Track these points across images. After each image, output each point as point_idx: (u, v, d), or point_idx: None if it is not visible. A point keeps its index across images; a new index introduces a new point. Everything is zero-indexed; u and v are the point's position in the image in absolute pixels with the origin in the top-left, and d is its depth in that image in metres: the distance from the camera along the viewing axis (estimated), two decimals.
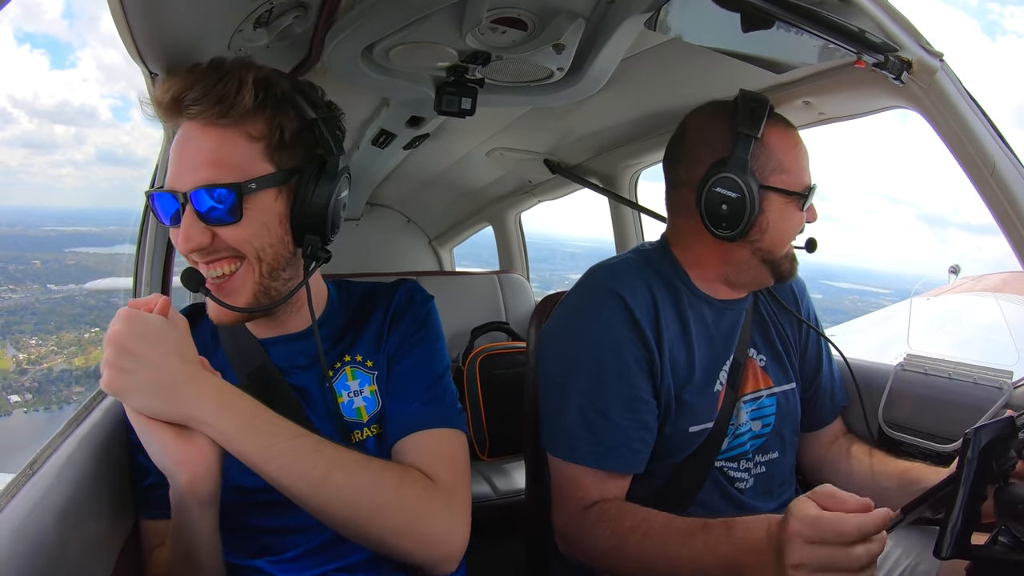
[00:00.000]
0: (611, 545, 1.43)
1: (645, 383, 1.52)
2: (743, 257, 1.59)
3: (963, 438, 1.04)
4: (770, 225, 1.55)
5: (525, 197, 3.90)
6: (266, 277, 1.28)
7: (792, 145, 1.58)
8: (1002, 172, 1.44)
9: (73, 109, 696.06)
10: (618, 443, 1.49)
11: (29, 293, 21.49)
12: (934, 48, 1.47)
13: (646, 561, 1.38)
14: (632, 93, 2.23)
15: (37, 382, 16.60)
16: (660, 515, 1.42)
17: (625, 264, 1.65)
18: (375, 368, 1.43)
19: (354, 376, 1.41)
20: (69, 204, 65.81)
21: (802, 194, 1.55)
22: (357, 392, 1.40)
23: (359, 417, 1.39)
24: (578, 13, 1.66)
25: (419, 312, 1.48)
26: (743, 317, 1.69)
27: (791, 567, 1.09)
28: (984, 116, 1.48)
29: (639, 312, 1.52)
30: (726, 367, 1.63)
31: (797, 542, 1.09)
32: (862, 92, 1.74)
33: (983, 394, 1.65)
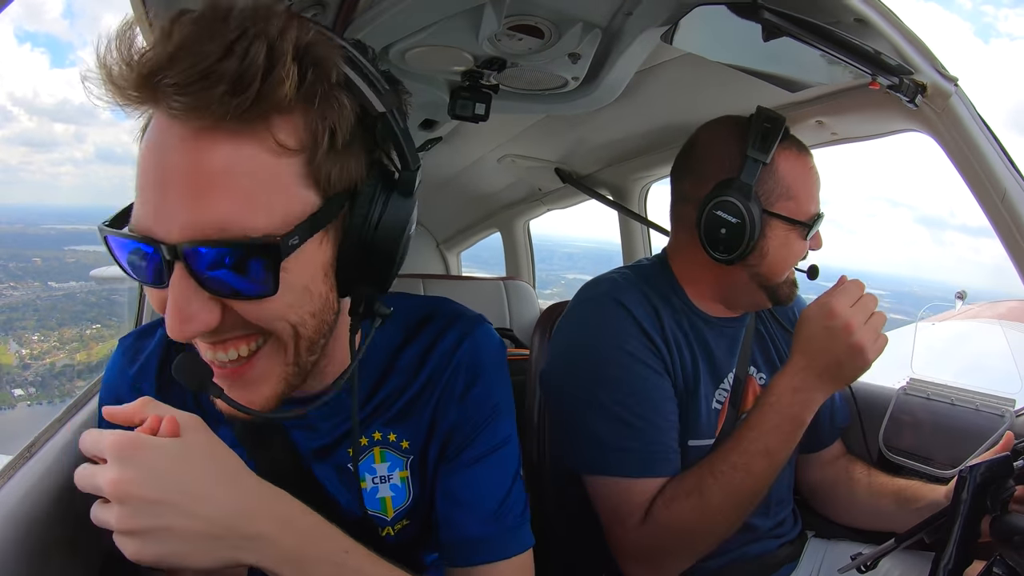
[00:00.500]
0: (694, 503, 1.36)
1: (667, 383, 1.51)
2: (740, 280, 1.57)
3: (958, 474, 1.04)
4: (770, 251, 1.52)
5: (535, 205, 3.90)
6: (303, 355, 0.90)
7: (803, 171, 1.54)
8: (1012, 199, 1.44)
9: (73, 107, 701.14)
10: (665, 447, 1.46)
11: (30, 290, 21.61)
12: (949, 72, 1.47)
13: (730, 489, 1.35)
14: (646, 105, 2.23)
15: (40, 377, 16.66)
16: (704, 458, 1.43)
17: (623, 278, 1.62)
18: (411, 450, 1.10)
19: (383, 458, 1.09)
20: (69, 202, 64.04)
21: (806, 223, 1.52)
22: (384, 478, 1.10)
23: (382, 511, 1.10)
24: (595, 24, 1.66)
25: (492, 386, 1.12)
26: (742, 335, 1.68)
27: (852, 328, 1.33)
28: (996, 142, 1.47)
29: (645, 322, 1.51)
30: (726, 385, 1.62)
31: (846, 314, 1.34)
32: (875, 114, 1.74)
33: (985, 421, 1.64)
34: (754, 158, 1.47)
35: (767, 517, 1.64)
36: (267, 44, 0.74)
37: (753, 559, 1.60)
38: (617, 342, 1.49)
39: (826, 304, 1.36)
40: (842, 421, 1.82)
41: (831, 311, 1.34)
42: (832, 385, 1.37)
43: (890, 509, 1.59)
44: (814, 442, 1.78)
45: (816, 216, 1.53)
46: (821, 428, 1.78)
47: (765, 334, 1.76)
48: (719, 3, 1.42)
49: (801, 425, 1.36)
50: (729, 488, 1.34)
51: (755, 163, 1.47)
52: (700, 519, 1.36)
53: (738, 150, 1.50)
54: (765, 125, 1.49)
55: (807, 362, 1.36)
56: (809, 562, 1.69)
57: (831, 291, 1.38)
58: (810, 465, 1.82)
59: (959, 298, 4.30)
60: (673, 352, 1.53)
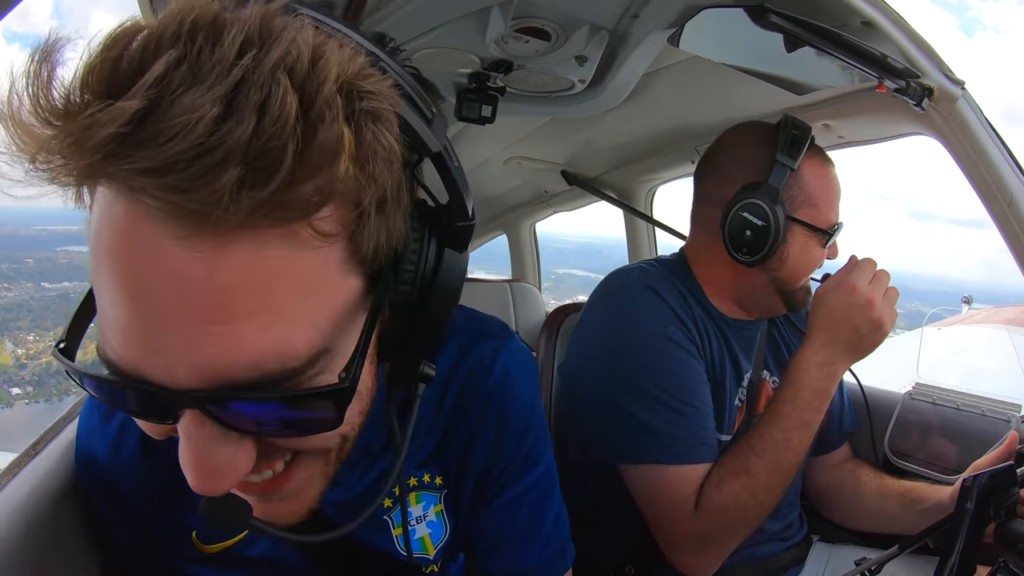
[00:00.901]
0: (744, 483, 1.38)
1: (703, 370, 1.52)
2: (759, 283, 1.57)
3: (961, 484, 1.04)
4: (790, 256, 1.53)
5: (541, 207, 3.90)
6: (346, 452, 0.73)
7: (826, 180, 1.56)
8: (1019, 204, 1.43)
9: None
10: (710, 432, 1.48)
11: (24, 291, 21.92)
12: (956, 76, 1.47)
13: (775, 466, 1.39)
14: (652, 108, 2.24)
15: (37, 376, 16.77)
16: (742, 439, 1.46)
17: (651, 268, 1.63)
18: (445, 485, 1.00)
19: (418, 500, 0.99)
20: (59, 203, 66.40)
21: (827, 231, 1.53)
22: (420, 518, 0.99)
23: (423, 551, 1.00)
24: (602, 26, 1.66)
25: (531, 412, 1.00)
26: (758, 337, 1.68)
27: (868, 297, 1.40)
28: (1004, 147, 1.47)
29: (678, 309, 1.52)
30: (744, 384, 1.63)
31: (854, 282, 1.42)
32: (882, 117, 1.74)
33: (990, 426, 1.64)
34: (783, 163, 1.48)
35: (776, 519, 1.63)
36: (297, 87, 0.49)
37: (759, 561, 1.60)
38: (656, 328, 1.49)
39: (846, 281, 1.42)
40: (850, 425, 1.82)
41: (852, 287, 1.41)
42: (855, 356, 1.44)
43: (896, 511, 1.60)
44: (822, 445, 1.78)
45: (835, 225, 1.55)
46: (829, 431, 1.77)
47: (778, 338, 1.76)
48: (726, 6, 1.42)
49: (828, 397, 1.42)
50: (773, 464, 1.38)
51: (783, 168, 1.48)
52: (751, 497, 1.38)
53: (766, 154, 1.50)
54: (794, 132, 1.50)
55: (829, 337, 1.42)
56: (814, 566, 1.69)
57: (848, 269, 1.45)
58: (817, 468, 1.82)
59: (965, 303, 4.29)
60: (704, 341, 1.55)
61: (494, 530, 1.01)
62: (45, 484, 1.05)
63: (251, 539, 0.94)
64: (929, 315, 3.71)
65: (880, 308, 1.40)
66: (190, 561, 0.96)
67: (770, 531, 1.61)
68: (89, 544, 1.13)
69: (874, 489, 1.68)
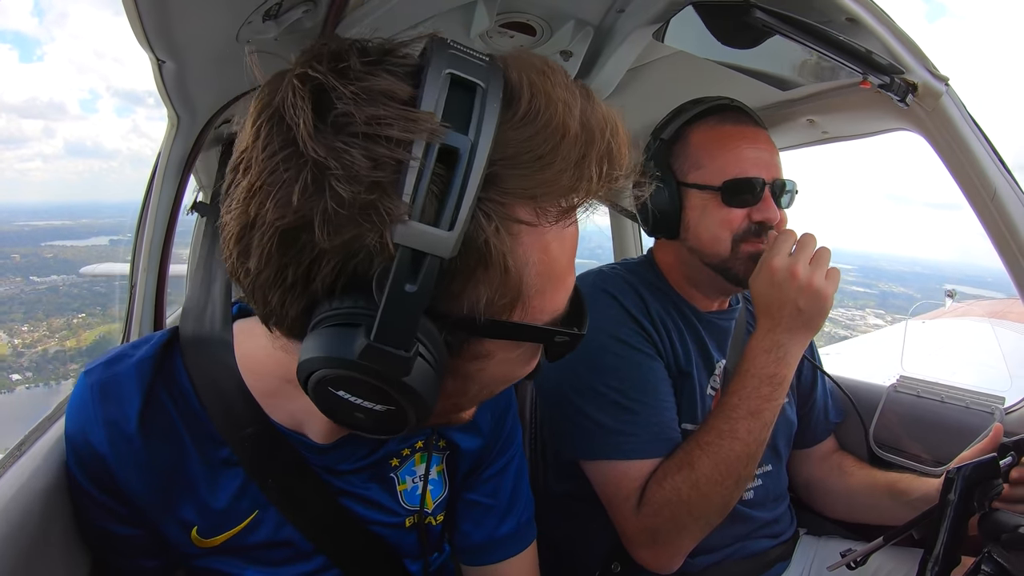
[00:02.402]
0: (686, 477, 1.37)
1: (661, 366, 1.54)
2: (692, 262, 1.61)
3: (945, 476, 1.04)
4: (692, 222, 1.57)
5: None
6: None
7: (714, 140, 1.57)
8: (1002, 198, 1.44)
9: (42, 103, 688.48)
10: (661, 427, 1.48)
11: (13, 285, 22.31)
12: (940, 72, 1.47)
13: (721, 457, 1.36)
14: (638, 103, 2.23)
15: (35, 363, 17.48)
16: (688, 438, 1.45)
17: (611, 271, 1.67)
18: (447, 446, 1.15)
19: (422, 460, 1.12)
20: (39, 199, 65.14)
21: (718, 188, 1.52)
22: (424, 476, 1.12)
23: (424, 505, 1.12)
24: (587, 21, 1.66)
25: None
26: (732, 327, 1.70)
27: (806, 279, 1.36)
28: (987, 142, 1.48)
29: (634, 309, 1.55)
30: (717, 373, 1.64)
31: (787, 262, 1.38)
32: (866, 113, 1.74)
33: (974, 419, 1.65)
34: (661, 138, 1.63)
35: (766, 509, 1.65)
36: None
37: (749, 558, 1.61)
38: (609, 330, 1.53)
39: (764, 263, 1.41)
40: (835, 417, 1.84)
41: (770, 267, 1.39)
42: (803, 333, 1.40)
43: (884, 503, 1.61)
44: (807, 438, 1.79)
45: (735, 181, 1.52)
46: (814, 424, 1.79)
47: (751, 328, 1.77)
48: (711, 2, 1.42)
49: (781, 383, 1.38)
50: (717, 456, 1.36)
51: (657, 141, 1.64)
52: (693, 490, 1.36)
53: (653, 136, 1.67)
54: (679, 108, 1.64)
55: (769, 322, 1.40)
56: (801, 559, 1.70)
57: (764, 253, 1.43)
58: (803, 461, 1.83)
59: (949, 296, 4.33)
60: (663, 335, 1.57)
61: (482, 501, 1.18)
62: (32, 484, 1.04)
63: (253, 527, 1.00)
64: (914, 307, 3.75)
65: (807, 277, 1.36)
66: (192, 555, 1.00)
67: (760, 521, 1.62)
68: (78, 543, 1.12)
69: (861, 481, 1.70)
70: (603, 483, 1.49)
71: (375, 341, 0.65)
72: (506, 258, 0.68)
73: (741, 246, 1.53)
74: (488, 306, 0.71)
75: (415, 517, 1.11)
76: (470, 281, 0.69)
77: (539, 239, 0.72)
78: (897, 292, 31.42)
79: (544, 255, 0.73)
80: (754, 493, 1.64)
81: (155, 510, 0.97)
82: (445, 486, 1.15)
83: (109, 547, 1.03)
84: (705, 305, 1.68)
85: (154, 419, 0.94)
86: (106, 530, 1.00)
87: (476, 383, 0.84)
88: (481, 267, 0.68)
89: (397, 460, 1.08)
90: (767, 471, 1.67)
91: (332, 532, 1.04)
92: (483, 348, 0.79)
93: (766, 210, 1.52)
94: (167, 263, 2.05)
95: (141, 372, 0.96)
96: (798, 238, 1.41)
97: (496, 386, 0.89)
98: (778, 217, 1.53)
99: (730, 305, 1.74)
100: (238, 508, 1.00)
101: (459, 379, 0.81)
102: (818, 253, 1.38)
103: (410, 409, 0.72)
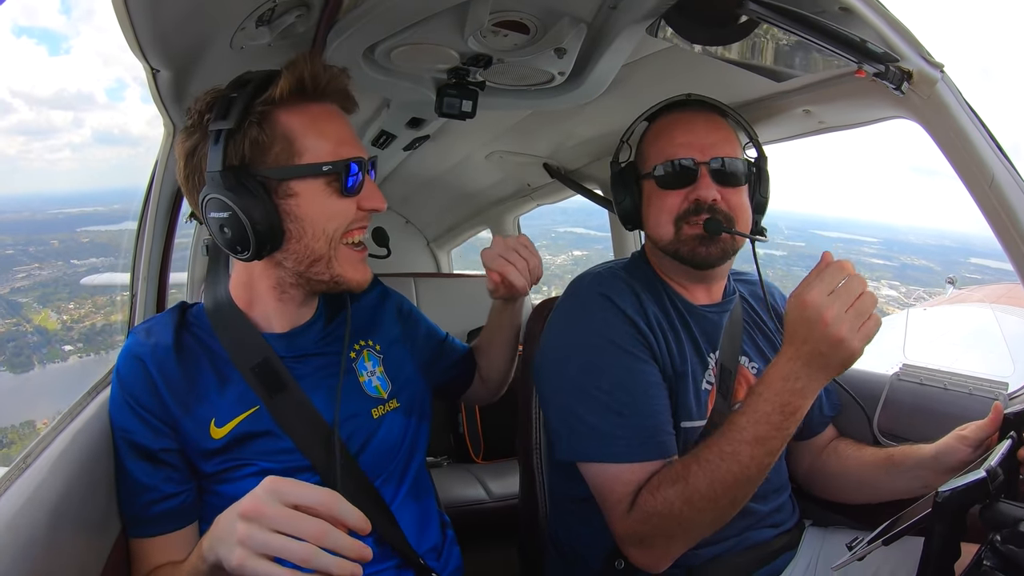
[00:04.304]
0: (680, 491, 1.35)
1: (654, 369, 1.54)
2: (654, 249, 1.73)
3: (933, 501, 1.03)
4: (645, 213, 1.72)
5: (524, 200, 3.89)
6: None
7: (655, 133, 1.73)
8: (1001, 184, 1.44)
9: (71, 95, 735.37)
10: (651, 430, 1.47)
11: (56, 269, 23.75)
12: (935, 59, 1.47)
13: (718, 476, 1.32)
14: (633, 98, 2.23)
15: (84, 335, 19.08)
16: (696, 446, 1.41)
17: (608, 272, 1.69)
18: (382, 352, 1.58)
19: (369, 358, 1.55)
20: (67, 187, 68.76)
21: (651, 174, 1.66)
22: (373, 373, 1.54)
23: (379, 395, 1.52)
24: (580, 18, 1.66)
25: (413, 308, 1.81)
26: (723, 321, 1.70)
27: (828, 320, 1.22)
28: (984, 128, 1.48)
29: (629, 310, 1.56)
30: (712, 367, 1.64)
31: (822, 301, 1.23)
32: (862, 102, 1.74)
33: (978, 405, 1.65)
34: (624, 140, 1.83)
35: (765, 502, 1.65)
36: None
37: (750, 548, 1.61)
38: (603, 332, 1.54)
39: (800, 294, 1.26)
40: (830, 410, 1.84)
41: (803, 301, 1.25)
42: (822, 374, 1.28)
43: (881, 478, 1.62)
44: (804, 430, 1.79)
45: (663, 164, 1.64)
46: (810, 416, 1.79)
47: (753, 323, 1.79)
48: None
49: (793, 413, 1.30)
50: (715, 475, 1.32)
51: (621, 144, 1.83)
52: (686, 505, 1.35)
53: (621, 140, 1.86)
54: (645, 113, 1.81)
55: (794, 351, 1.29)
56: (807, 551, 1.70)
57: (808, 278, 1.28)
58: (803, 453, 1.83)
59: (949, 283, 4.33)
60: (659, 337, 1.57)
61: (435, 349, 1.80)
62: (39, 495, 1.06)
63: (254, 418, 1.34)
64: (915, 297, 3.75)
65: (836, 325, 1.22)
66: (205, 456, 1.31)
67: (759, 514, 1.62)
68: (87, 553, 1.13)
69: (857, 460, 1.70)
70: (595, 484, 1.51)
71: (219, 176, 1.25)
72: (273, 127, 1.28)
73: (683, 227, 1.61)
74: (273, 158, 1.28)
75: (382, 407, 1.51)
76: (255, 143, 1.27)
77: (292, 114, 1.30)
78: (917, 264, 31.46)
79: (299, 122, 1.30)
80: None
81: (179, 408, 1.30)
82: (389, 382, 1.55)
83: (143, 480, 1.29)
84: (695, 297, 1.70)
85: (181, 345, 1.36)
86: (146, 449, 1.29)
87: (306, 221, 1.31)
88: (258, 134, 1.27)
89: (354, 354, 1.52)
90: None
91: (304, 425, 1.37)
92: (288, 188, 1.29)
93: (699, 188, 1.59)
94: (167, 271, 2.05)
95: (172, 317, 1.41)
96: (849, 275, 1.26)
97: (327, 223, 1.33)
98: (712, 195, 1.59)
99: (724, 297, 1.75)
100: (242, 401, 1.35)
101: (292, 219, 1.31)
102: (859, 301, 1.24)
103: (241, 215, 1.25)
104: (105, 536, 1.26)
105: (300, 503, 0.95)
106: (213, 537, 1.03)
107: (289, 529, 0.93)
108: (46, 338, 20.11)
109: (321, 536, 0.93)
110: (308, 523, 0.93)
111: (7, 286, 23.00)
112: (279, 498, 0.95)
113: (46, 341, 19.99)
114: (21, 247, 25.99)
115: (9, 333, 20.53)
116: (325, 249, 1.35)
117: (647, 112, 1.77)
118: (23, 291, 22.51)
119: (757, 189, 1.71)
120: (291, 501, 0.95)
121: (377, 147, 2.91)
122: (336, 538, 0.93)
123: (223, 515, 1.02)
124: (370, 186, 1.40)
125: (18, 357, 19.39)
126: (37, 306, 21.67)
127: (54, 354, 19.20)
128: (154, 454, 1.29)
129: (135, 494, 1.29)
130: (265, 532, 0.93)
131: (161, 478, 1.29)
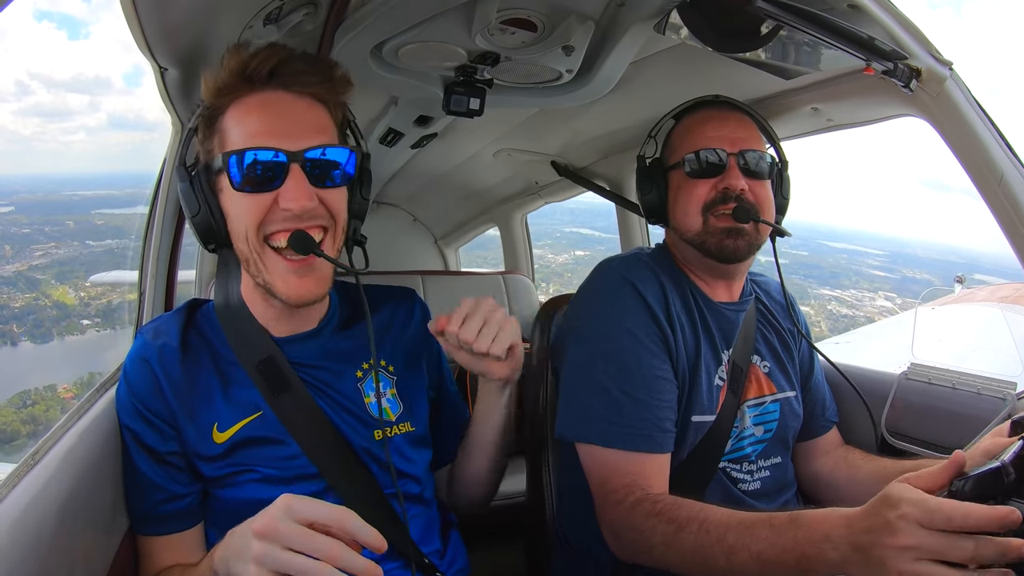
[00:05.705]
0: (668, 534, 1.32)
1: (664, 363, 1.54)
2: (678, 241, 1.74)
3: (948, 490, 1.01)
4: (671, 204, 1.75)
5: (531, 198, 3.89)
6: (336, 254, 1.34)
7: (686, 127, 1.75)
8: (1010, 182, 1.43)
9: (88, 79, 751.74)
10: (648, 423, 1.48)
11: (72, 248, 24.55)
12: (943, 57, 1.46)
13: (704, 553, 1.27)
14: (641, 96, 2.23)
15: (101, 312, 19.88)
16: (719, 508, 1.32)
17: (636, 258, 1.71)
18: (395, 373, 1.50)
19: (379, 379, 1.44)
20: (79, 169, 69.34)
21: (682, 162, 1.68)
22: (381, 395, 1.45)
23: (387, 417, 1.45)
24: (588, 15, 1.66)
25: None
26: (740, 319, 1.70)
27: (900, 548, 0.97)
28: (993, 126, 1.47)
29: (651, 299, 1.57)
30: (724, 364, 1.65)
31: (912, 526, 0.97)
32: (870, 100, 1.74)
33: (986, 404, 1.64)
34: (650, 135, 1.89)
35: (771, 501, 1.65)
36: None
37: None
38: (620, 319, 1.56)
39: (903, 499, 1.00)
40: (832, 415, 1.84)
41: (895, 503, 1.00)
42: (844, 565, 1.09)
43: None
44: (807, 432, 1.79)
45: (695, 152, 1.67)
46: (813, 418, 1.79)
47: (767, 323, 1.79)
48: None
49: (803, 567, 1.14)
50: (702, 550, 1.27)
51: (648, 139, 1.88)
52: (664, 546, 1.33)
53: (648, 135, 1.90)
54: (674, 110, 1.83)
55: (848, 531, 1.08)
56: None
57: (928, 495, 0.99)
58: (808, 455, 1.82)
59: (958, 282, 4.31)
60: (676, 331, 1.58)
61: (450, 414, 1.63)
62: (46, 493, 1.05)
63: (257, 423, 1.32)
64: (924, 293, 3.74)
65: (896, 559, 0.98)
66: (207, 460, 1.30)
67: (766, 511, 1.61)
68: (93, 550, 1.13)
69: (870, 472, 1.68)
70: (588, 467, 1.54)
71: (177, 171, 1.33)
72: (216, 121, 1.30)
73: (711, 219, 1.62)
74: (208, 152, 1.32)
75: (384, 432, 1.41)
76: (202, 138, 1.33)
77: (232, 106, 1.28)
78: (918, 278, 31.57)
79: (232, 113, 1.28)
80: (761, 484, 1.64)
81: (183, 411, 1.30)
82: (400, 405, 1.47)
83: (151, 478, 1.29)
84: (715, 294, 1.71)
85: (187, 345, 1.35)
86: (155, 451, 1.29)
87: (229, 217, 1.30)
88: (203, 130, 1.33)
89: (361, 373, 1.44)
90: (776, 463, 1.68)
91: (310, 430, 1.34)
92: (218, 182, 1.29)
93: (728, 178, 1.62)
94: (175, 269, 2.06)
95: (180, 317, 1.41)
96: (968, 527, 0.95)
97: (237, 221, 1.28)
98: (741, 184, 1.61)
99: (741, 297, 1.75)
100: (245, 406, 1.33)
101: (226, 216, 1.31)
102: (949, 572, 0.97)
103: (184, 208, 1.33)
104: (112, 533, 1.27)
105: (314, 520, 0.95)
106: (227, 552, 1.04)
107: (303, 548, 0.94)
108: (64, 312, 20.99)
109: (335, 557, 0.93)
110: (322, 542, 0.94)
111: (25, 263, 23.88)
112: (293, 516, 0.95)
113: (64, 315, 20.86)
114: (37, 226, 26.79)
115: (29, 307, 21.50)
116: (247, 250, 1.29)
117: (676, 109, 1.81)
118: (40, 268, 23.34)
119: (779, 190, 1.73)
120: (305, 519, 0.95)
121: (384, 145, 2.91)
122: (349, 558, 0.94)
123: (236, 530, 1.03)
124: (291, 183, 1.23)
125: (39, 329, 20.46)
126: (55, 282, 22.53)
127: (72, 327, 20.18)
128: (162, 456, 1.29)
129: (145, 492, 1.29)
130: (280, 551, 0.94)
131: (169, 479, 1.30)
